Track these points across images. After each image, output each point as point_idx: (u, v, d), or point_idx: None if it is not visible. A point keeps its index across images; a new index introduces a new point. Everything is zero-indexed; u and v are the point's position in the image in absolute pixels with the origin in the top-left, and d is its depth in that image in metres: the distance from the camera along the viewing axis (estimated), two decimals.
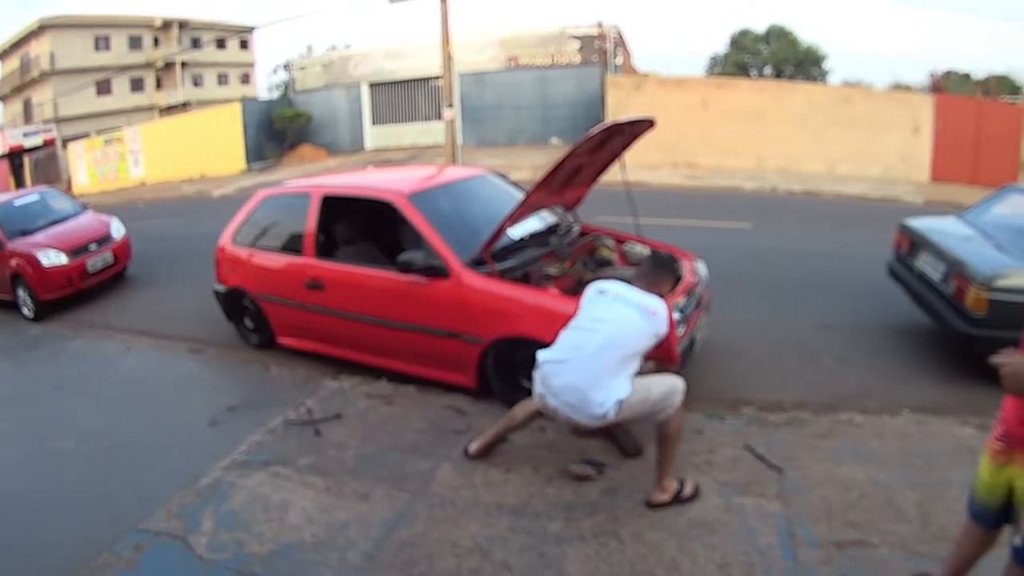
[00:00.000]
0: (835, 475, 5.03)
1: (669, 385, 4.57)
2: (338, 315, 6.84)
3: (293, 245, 7.23)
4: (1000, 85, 38.97)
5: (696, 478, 4.92)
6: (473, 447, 5.19)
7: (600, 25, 30.00)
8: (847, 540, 4.31)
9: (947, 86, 38.09)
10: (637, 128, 6.63)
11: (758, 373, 7.03)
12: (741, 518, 4.55)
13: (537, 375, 4.57)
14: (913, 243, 7.80)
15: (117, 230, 11.63)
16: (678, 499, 4.65)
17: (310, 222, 7.03)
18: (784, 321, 8.45)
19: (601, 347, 4.37)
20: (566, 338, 4.56)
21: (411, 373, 6.61)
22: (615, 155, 6.90)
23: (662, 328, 4.49)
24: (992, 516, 3.17)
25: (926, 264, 7.31)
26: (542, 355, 4.59)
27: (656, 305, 4.52)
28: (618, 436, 5.37)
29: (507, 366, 5.98)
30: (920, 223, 8.08)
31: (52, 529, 4.72)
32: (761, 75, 50.19)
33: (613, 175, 7.17)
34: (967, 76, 45.97)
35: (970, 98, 27.20)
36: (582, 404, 4.35)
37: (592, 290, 4.75)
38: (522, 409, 5.00)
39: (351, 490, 4.93)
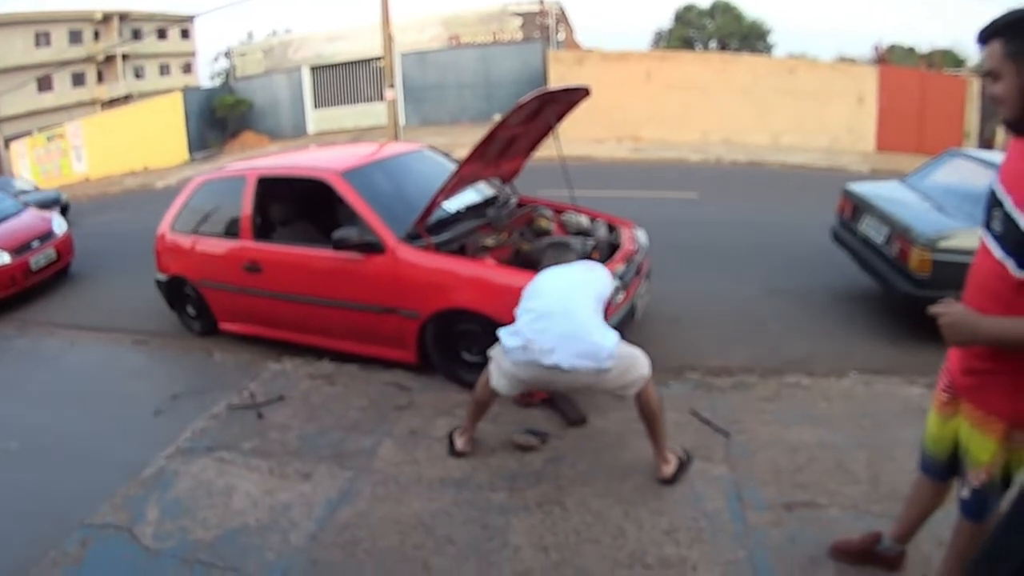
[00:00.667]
0: (782, 437, 5.05)
1: (633, 349, 4.49)
2: (277, 297, 6.76)
3: (230, 229, 7.12)
4: (944, 59, 39.43)
5: (641, 445, 4.88)
6: (459, 444, 4.96)
7: (542, 2, 29.99)
8: (796, 502, 4.31)
9: (891, 59, 38.46)
10: (572, 97, 6.61)
11: (703, 339, 7.05)
12: (688, 483, 4.54)
13: (517, 342, 4.33)
14: (856, 208, 7.88)
15: (59, 226, 11.38)
16: (683, 465, 4.64)
17: (246, 205, 6.92)
18: (729, 288, 8.50)
19: (574, 294, 4.33)
20: (533, 308, 4.39)
21: (353, 351, 6.56)
22: (550, 126, 6.86)
23: (608, 279, 4.54)
24: (940, 469, 3.18)
25: (869, 228, 7.38)
26: (512, 329, 4.42)
27: (591, 263, 4.57)
28: (560, 405, 5.38)
29: (447, 339, 5.96)
30: (863, 188, 8.17)
31: None
32: (706, 50, 50.45)
33: (552, 148, 7.14)
34: (911, 50, 46.56)
35: (914, 70, 27.50)
36: (591, 349, 4.17)
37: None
38: (481, 387, 4.81)
39: (294, 471, 4.87)
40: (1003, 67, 2.51)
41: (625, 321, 5.89)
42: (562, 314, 4.25)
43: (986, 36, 2.57)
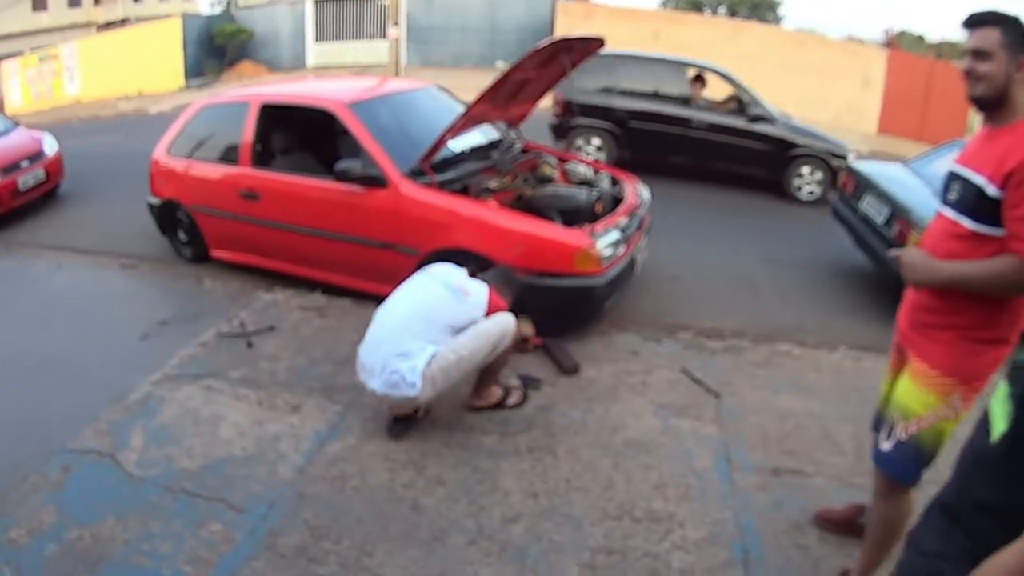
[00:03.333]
0: (772, 404, 5.09)
1: (496, 336, 4.40)
2: (273, 226, 6.67)
3: (229, 155, 7.00)
4: (953, 51, 39.30)
5: (632, 399, 4.97)
6: (477, 401, 4.84)
7: None
8: (783, 468, 4.36)
9: (900, 45, 38.34)
10: (587, 46, 6.54)
11: (697, 300, 7.07)
12: (677, 440, 4.57)
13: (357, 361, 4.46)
14: (859, 185, 7.88)
15: (49, 146, 11.13)
16: (501, 405, 4.75)
17: (247, 131, 6.80)
18: (725, 253, 8.52)
19: (404, 321, 4.30)
20: (368, 334, 4.44)
21: (346, 286, 6.50)
22: (562, 73, 6.79)
23: (477, 312, 4.40)
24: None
25: (870, 207, 7.38)
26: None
27: (473, 288, 4.47)
28: (555, 352, 5.38)
29: None
30: (867, 167, 8.20)
31: None
32: (715, 15, 50.16)
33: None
34: (921, 38, 46.41)
35: (923, 57, 27.40)
36: (395, 379, 4.19)
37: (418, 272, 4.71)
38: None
39: (283, 402, 4.83)
40: (996, 51, 2.72)
41: (624, 274, 5.88)
42: (381, 340, 4.29)
43: (980, 22, 2.78)
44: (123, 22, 47.45)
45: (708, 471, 4.28)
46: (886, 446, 3.09)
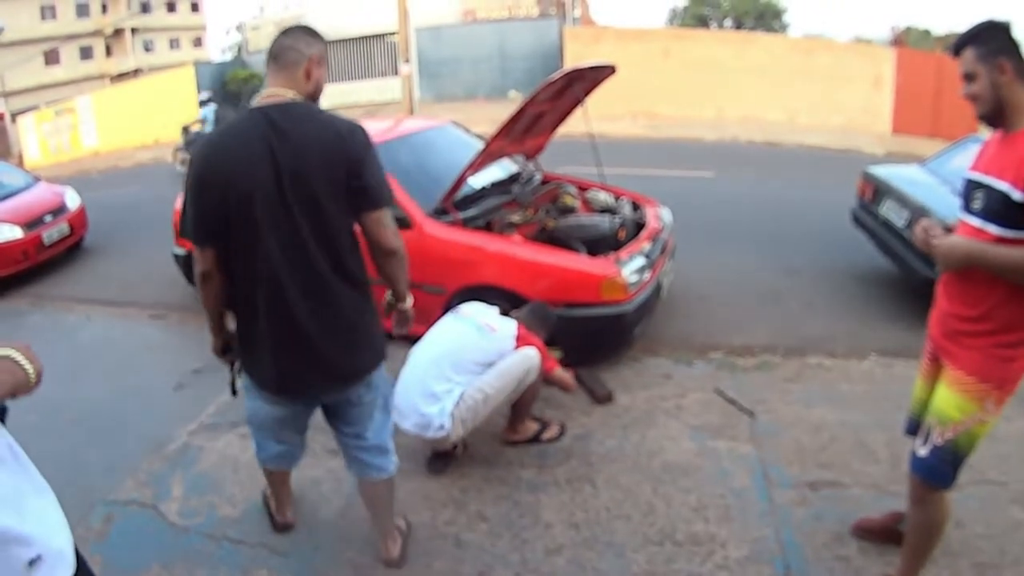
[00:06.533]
0: (806, 418, 5.10)
1: (521, 371, 4.42)
2: None
3: None
4: None
5: (667, 423, 4.99)
6: (512, 436, 4.88)
7: None
8: (820, 481, 4.37)
9: (907, 41, 38.27)
10: (598, 74, 6.58)
11: (725, 318, 7.07)
12: (715, 461, 4.60)
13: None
14: (877, 190, 7.87)
15: (72, 200, 11.27)
16: (537, 439, 4.79)
17: None
18: (749, 267, 8.51)
19: (429, 365, 4.35)
20: (401, 373, 4.48)
21: None
22: (576, 102, 6.86)
23: (505, 344, 4.43)
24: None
25: (890, 211, 7.37)
26: None
27: (501, 324, 4.51)
28: (587, 381, 5.41)
29: None
30: (884, 171, 8.17)
31: None
32: (721, 27, 50.42)
33: (574, 126, 7.12)
34: (927, 32, 46.34)
35: (931, 53, 27.33)
36: (422, 421, 4.26)
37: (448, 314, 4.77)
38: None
39: (321, 447, 4.83)
40: (976, 69, 2.90)
41: (651, 299, 5.92)
42: (411, 383, 4.34)
43: (960, 46, 2.97)
44: (136, 72, 48.06)
45: (746, 490, 4.30)
46: (923, 452, 3.14)
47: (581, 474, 4.47)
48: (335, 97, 31.12)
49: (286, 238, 2.86)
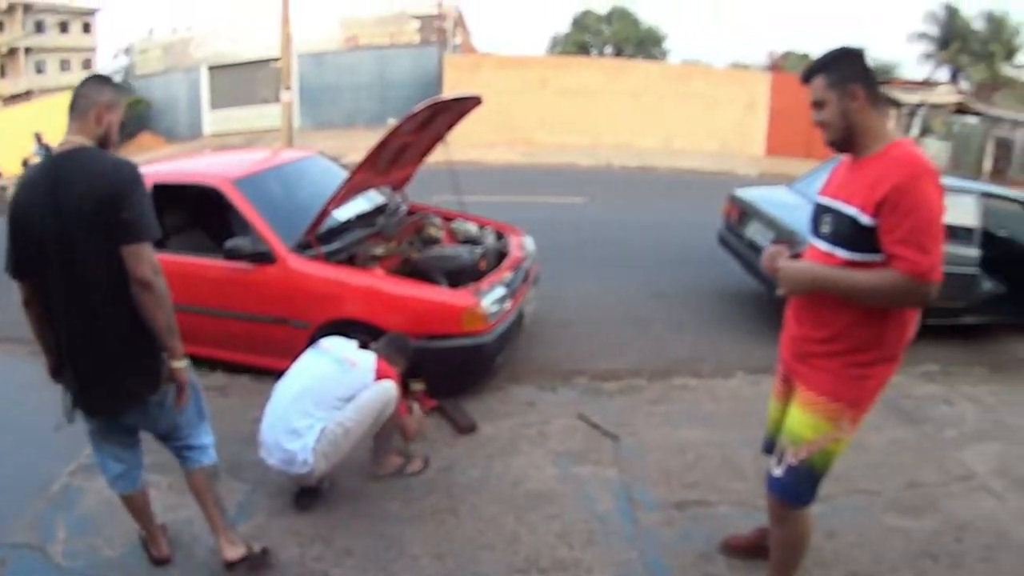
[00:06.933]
0: (671, 439, 5.20)
1: (379, 404, 4.45)
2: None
3: None
4: None
5: (531, 451, 5.03)
6: (377, 470, 4.87)
7: (440, 5, 29.97)
8: (686, 501, 4.46)
9: (786, 66, 39.38)
10: (463, 105, 6.65)
11: (591, 343, 7.17)
12: (579, 487, 4.64)
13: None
14: (743, 212, 8.09)
15: None
16: (402, 473, 4.77)
17: None
18: (616, 292, 8.66)
19: (292, 401, 4.36)
20: (266, 408, 4.53)
21: (245, 363, 6.41)
22: (442, 133, 6.90)
23: (365, 378, 4.45)
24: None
25: (756, 232, 7.58)
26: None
27: (361, 358, 4.54)
28: (451, 412, 5.43)
29: None
30: (749, 193, 8.40)
31: None
32: (602, 55, 51.13)
33: (450, 153, 7.16)
34: (806, 56, 47.80)
35: None
36: (287, 457, 4.28)
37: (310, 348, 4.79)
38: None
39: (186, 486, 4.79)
40: (826, 96, 2.94)
41: (513, 328, 5.98)
42: (275, 420, 4.38)
43: (810, 75, 3.02)
44: (27, 94, 46.58)
45: (611, 514, 4.35)
46: (778, 472, 3.19)
47: (445, 506, 4.46)
48: (218, 124, 30.67)
49: (68, 275, 3.14)
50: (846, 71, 2.91)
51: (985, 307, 7.75)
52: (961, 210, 7.04)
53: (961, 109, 30.17)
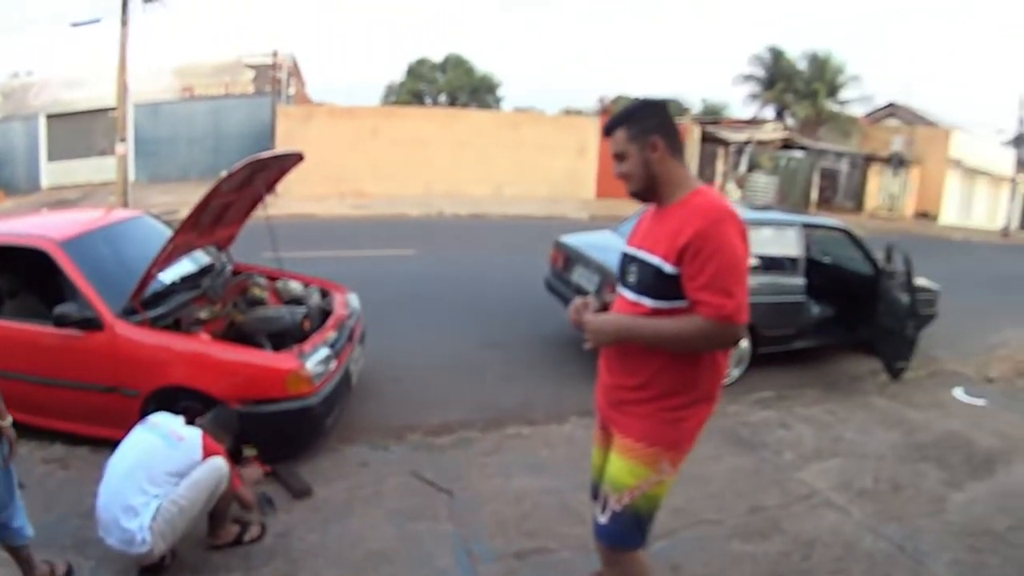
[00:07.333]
0: (506, 489, 5.33)
1: (212, 482, 4.45)
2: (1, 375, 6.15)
3: None
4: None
5: (367, 511, 5.05)
6: (215, 541, 4.78)
7: (275, 54, 29.74)
8: (525, 550, 4.58)
9: (616, 110, 40.48)
10: (284, 162, 6.69)
11: (423, 397, 7.23)
12: (416, 544, 4.68)
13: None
14: (568, 258, 8.33)
15: None
16: (239, 541, 4.73)
17: None
18: (445, 344, 8.76)
19: (122, 479, 4.29)
20: (98, 489, 4.42)
21: (82, 432, 6.14)
22: (263, 191, 6.85)
23: (194, 454, 4.44)
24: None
25: (582, 277, 7.84)
26: None
27: (188, 434, 4.52)
28: (284, 477, 5.42)
29: None
30: (574, 239, 8.65)
31: None
32: (436, 103, 51.51)
33: (280, 210, 7.14)
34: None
35: None
36: (125, 536, 4.18)
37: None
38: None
39: (38, 564, 4.64)
40: (627, 148, 3.02)
41: (341, 388, 6.01)
42: (110, 498, 4.28)
43: (611, 128, 3.09)
44: None
45: (451, 569, 4.43)
46: (603, 519, 3.22)
47: (285, 572, 4.44)
48: (55, 176, 29.32)
49: None
50: (646, 123, 3.00)
51: (815, 331, 8.25)
52: (785, 242, 7.39)
53: (787, 144, 31.88)
